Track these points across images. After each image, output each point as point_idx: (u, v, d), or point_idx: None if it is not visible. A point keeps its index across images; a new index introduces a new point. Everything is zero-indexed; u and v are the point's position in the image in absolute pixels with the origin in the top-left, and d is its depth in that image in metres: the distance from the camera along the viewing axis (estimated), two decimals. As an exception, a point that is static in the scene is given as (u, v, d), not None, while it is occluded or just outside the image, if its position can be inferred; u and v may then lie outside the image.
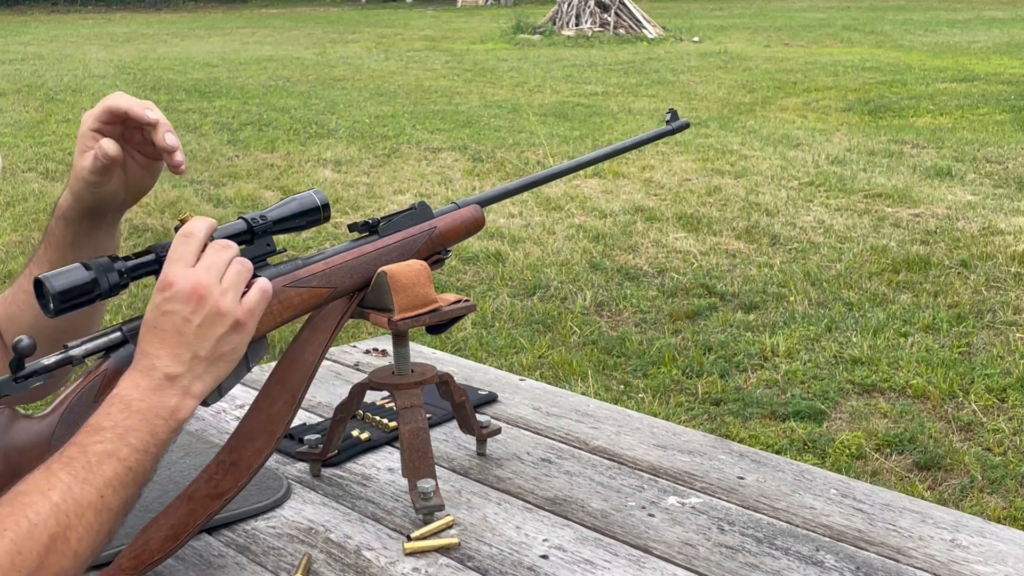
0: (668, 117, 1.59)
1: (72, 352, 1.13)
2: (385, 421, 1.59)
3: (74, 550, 0.97)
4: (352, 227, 1.33)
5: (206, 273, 1.12)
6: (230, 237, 1.21)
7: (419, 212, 1.35)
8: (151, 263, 1.16)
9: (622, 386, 3.86)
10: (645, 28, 18.00)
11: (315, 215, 1.26)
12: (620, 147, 1.56)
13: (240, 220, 1.22)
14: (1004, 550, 1.22)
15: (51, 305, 1.10)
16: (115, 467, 1.02)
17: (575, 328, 4.42)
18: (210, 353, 1.11)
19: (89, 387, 1.13)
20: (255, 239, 1.23)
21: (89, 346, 1.14)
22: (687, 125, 1.60)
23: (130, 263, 1.15)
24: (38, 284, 1.11)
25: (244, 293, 1.14)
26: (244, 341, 1.13)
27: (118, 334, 1.16)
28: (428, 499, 1.29)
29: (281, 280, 1.24)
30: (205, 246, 1.14)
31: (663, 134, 1.57)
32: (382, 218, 1.34)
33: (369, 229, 1.33)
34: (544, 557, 1.23)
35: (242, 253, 1.22)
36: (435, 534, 1.28)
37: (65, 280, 1.11)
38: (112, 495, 1.01)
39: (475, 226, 1.40)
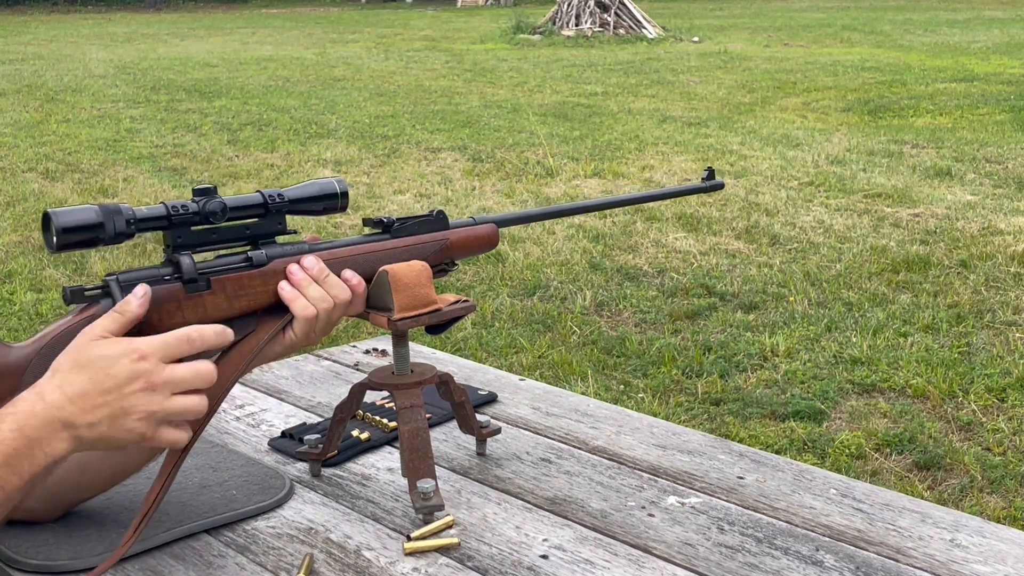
0: (705, 175, 1.59)
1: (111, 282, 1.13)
2: (385, 421, 1.59)
3: None
4: (366, 222, 1.33)
5: (163, 348, 1.07)
6: (244, 207, 1.20)
7: (435, 220, 1.34)
8: (160, 218, 1.15)
9: (622, 386, 3.86)
10: (645, 28, 18.00)
11: (333, 201, 1.25)
12: (650, 195, 1.58)
13: (257, 193, 1.22)
14: (1004, 550, 1.23)
15: (54, 239, 1.10)
16: None
17: (575, 328, 4.42)
18: (114, 424, 1.05)
19: (78, 324, 1.12)
20: (268, 216, 1.22)
21: (134, 275, 1.14)
22: (721, 186, 1.60)
23: (140, 214, 1.14)
24: (46, 218, 1.10)
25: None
26: (135, 440, 1.06)
27: (169, 268, 1.16)
28: (428, 499, 1.29)
29: (285, 261, 1.23)
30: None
31: (696, 190, 1.58)
32: (398, 219, 1.33)
33: (383, 227, 1.32)
34: (544, 557, 1.23)
35: (251, 227, 1.22)
36: (435, 534, 1.28)
37: (72, 217, 1.10)
38: None
39: (488, 244, 1.38)
